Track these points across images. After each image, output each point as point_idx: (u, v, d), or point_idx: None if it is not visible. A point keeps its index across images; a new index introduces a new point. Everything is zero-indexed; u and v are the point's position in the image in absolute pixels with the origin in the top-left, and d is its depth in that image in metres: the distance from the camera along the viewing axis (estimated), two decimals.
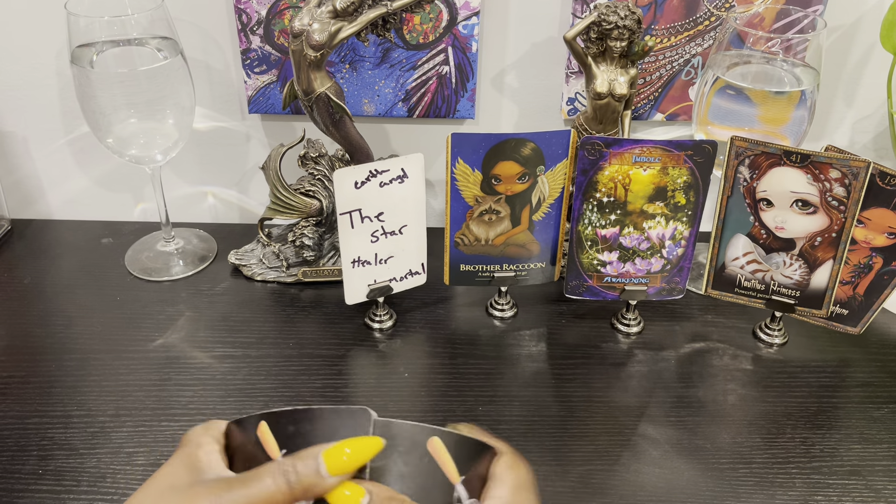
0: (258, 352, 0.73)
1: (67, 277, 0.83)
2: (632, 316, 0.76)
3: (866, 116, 0.87)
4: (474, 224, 0.72)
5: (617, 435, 0.64)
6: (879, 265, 0.69)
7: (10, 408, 0.66)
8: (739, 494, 0.60)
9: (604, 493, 0.59)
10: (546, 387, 0.69)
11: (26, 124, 0.87)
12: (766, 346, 0.75)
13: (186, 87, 0.75)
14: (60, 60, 0.82)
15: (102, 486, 0.59)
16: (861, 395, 0.69)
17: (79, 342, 0.74)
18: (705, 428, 0.65)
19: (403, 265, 0.73)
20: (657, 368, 0.72)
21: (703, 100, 0.74)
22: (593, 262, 0.72)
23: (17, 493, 0.59)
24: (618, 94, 0.73)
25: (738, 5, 0.78)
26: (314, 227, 0.80)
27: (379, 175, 0.66)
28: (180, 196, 0.92)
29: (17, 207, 0.93)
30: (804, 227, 0.68)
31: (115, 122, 0.73)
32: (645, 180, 0.68)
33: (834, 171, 0.65)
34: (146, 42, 0.72)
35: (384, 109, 0.84)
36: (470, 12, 0.78)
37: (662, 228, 0.71)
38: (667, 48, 0.81)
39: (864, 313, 0.71)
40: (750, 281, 0.72)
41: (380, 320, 0.76)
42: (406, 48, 0.81)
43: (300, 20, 0.69)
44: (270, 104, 0.84)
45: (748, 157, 0.67)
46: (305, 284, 0.82)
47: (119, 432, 0.64)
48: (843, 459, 0.63)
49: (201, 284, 0.82)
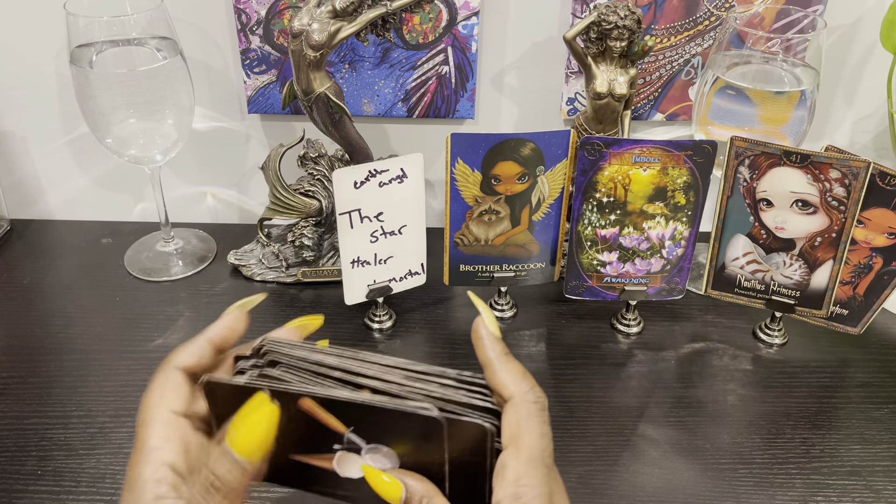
0: None
1: (67, 278, 0.83)
2: (631, 316, 0.76)
3: (866, 116, 0.86)
4: (474, 224, 0.72)
5: (617, 435, 0.64)
6: (879, 265, 0.69)
7: (9, 408, 0.66)
8: (739, 495, 0.60)
9: (603, 494, 0.59)
10: (546, 387, 0.68)
11: (26, 124, 0.87)
12: (765, 346, 0.75)
13: (186, 87, 0.75)
14: (60, 60, 0.82)
15: (102, 487, 0.59)
16: (861, 396, 0.69)
17: (78, 342, 0.74)
18: (705, 428, 0.65)
19: (403, 265, 0.73)
20: (657, 369, 0.72)
21: (702, 100, 0.74)
22: (593, 262, 0.72)
23: (16, 493, 0.58)
24: (617, 94, 0.73)
25: (737, 5, 0.78)
26: (313, 228, 0.80)
27: (378, 175, 0.66)
28: (180, 196, 0.92)
29: (16, 207, 0.93)
30: (804, 227, 0.68)
31: (115, 122, 0.73)
32: (645, 180, 0.68)
33: (834, 171, 0.65)
34: (145, 42, 0.72)
35: (384, 109, 0.84)
36: (469, 12, 0.78)
37: (662, 229, 0.70)
38: (667, 48, 0.81)
39: (864, 313, 0.71)
40: (750, 281, 0.72)
41: (379, 321, 0.76)
42: (406, 48, 0.80)
43: (299, 20, 0.69)
44: (270, 104, 0.84)
45: (748, 158, 0.67)
46: (305, 285, 0.82)
47: (118, 433, 0.64)
48: (842, 460, 0.63)
49: (201, 285, 0.82)
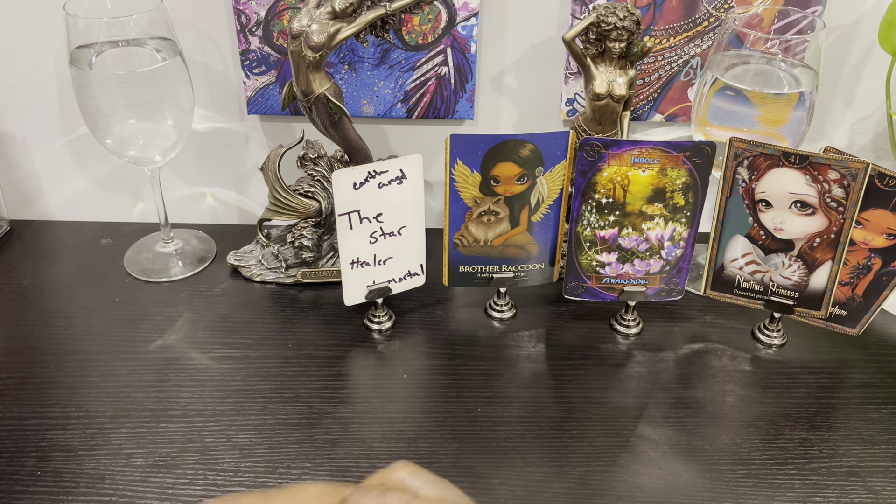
0: (257, 353, 0.73)
1: (66, 278, 0.83)
2: (631, 317, 0.76)
3: (865, 117, 0.87)
4: (473, 225, 0.72)
5: (616, 436, 0.64)
6: (878, 266, 0.69)
7: (8, 409, 0.66)
8: (738, 495, 0.60)
9: (602, 495, 0.59)
10: (545, 388, 0.69)
11: (25, 125, 0.87)
12: (764, 347, 0.75)
13: (185, 88, 0.75)
14: (59, 61, 0.82)
15: (101, 488, 0.59)
16: (860, 396, 0.69)
17: (78, 343, 0.74)
18: (704, 429, 0.65)
19: (402, 266, 0.73)
20: (656, 369, 0.72)
21: (701, 101, 0.74)
22: (592, 263, 0.72)
23: (15, 494, 0.59)
24: (617, 95, 0.73)
25: (736, 6, 0.78)
26: (313, 228, 0.80)
27: (378, 176, 0.66)
28: (179, 197, 0.92)
29: (16, 208, 0.93)
30: (803, 228, 0.68)
31: (114, 122, 0.73)
32: (644, 181, 0.68)
33: (833, 172, 0.65)
34: (145, 43, 0.72)
35: (383, 110, 0.84)
36: (469, 13, 0.78)
37: (661, 229, 0.71)
38: (666, 49, 0.81)
39: (862, 314, 0.71)
40: (749, 282, 0.72)
41: (378, 321, 0.76)
42: (405, 49, 0.81)
43: (299, 21, 0.69)
44: (269, 105, 0.84)
45: (747, 158, 0.67)
46: (304, 285, 0.82)
47: (118, 433, 0.64)
48: (841, 460, 0.63)
49: (200, 285, 0.82)
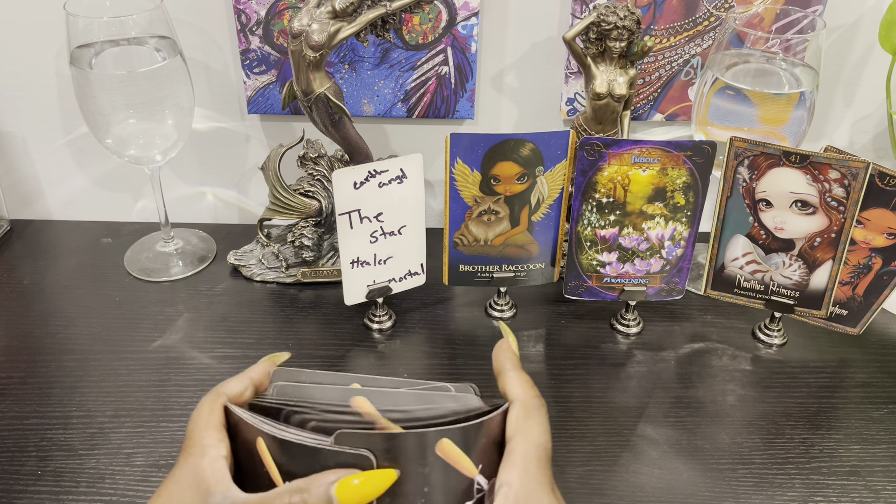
0: (257, 352, 0.73)
1: (67, 278, 0.83)
2: (631, 316, 0.76)
3: (865, 117, 0.87)
4: (473, 224, 0.72)
5: (616, 435, 0.64)
6: (879, 266, 0.69)
7: (8, 408, 0.66)
8: (739, 495, 0.60)
9: (603, 494, 0.59)
10: (545, 387, 0.69)
11: (25, 125, 0.87)
12: (765, 346, 0.75)
13: (185, 87, 0.75)
14: (59, 61, 0.82)
15: (101, 487, 0.59)
16: (860, 396, 0.69)
17: (78, 343, 0.74)
18: (704, 428, 0.65)
19: (402, 266, 0.73)
20: (656, 369, 0.72)
21: (702, 100, 0.74)
22: (592, 262, 0.72)
23: (15, 493, 0.59)
24: (617, 94, 0.73)
25: (737, 5, 0.78)
26: (313, 228, 0.80)
27: (378, 175, 0.66)
28: (179, 196, 0.92)
29: (16, 208, 0.93)
30: (803, 227, 0.68)
31: (114, 122, 0.73)
32: (644, 181, 0.68)
33: (833, 171, 0.65)
34: (145, 42, 0.72)
35: (383, 110, 0.84)
36: (469, 13, 0.78)
37: (662, 229, 0.71)
38: (666, 48, 0.81)
39: (863, 314, 0.71)
40: (749, 281, 0.72)
41: (379, 321, 0.76)
42: (405, 48, 0.80)
43: (299, 20, 0.69)
44: (270, 104, 0.84)
45: (747, 158, 0.67)
46: (304, 285, 0.82)
47: (118, 433, 0.64)
48: (842, 460, 0.63)
49: (200, 285, 0.82)
